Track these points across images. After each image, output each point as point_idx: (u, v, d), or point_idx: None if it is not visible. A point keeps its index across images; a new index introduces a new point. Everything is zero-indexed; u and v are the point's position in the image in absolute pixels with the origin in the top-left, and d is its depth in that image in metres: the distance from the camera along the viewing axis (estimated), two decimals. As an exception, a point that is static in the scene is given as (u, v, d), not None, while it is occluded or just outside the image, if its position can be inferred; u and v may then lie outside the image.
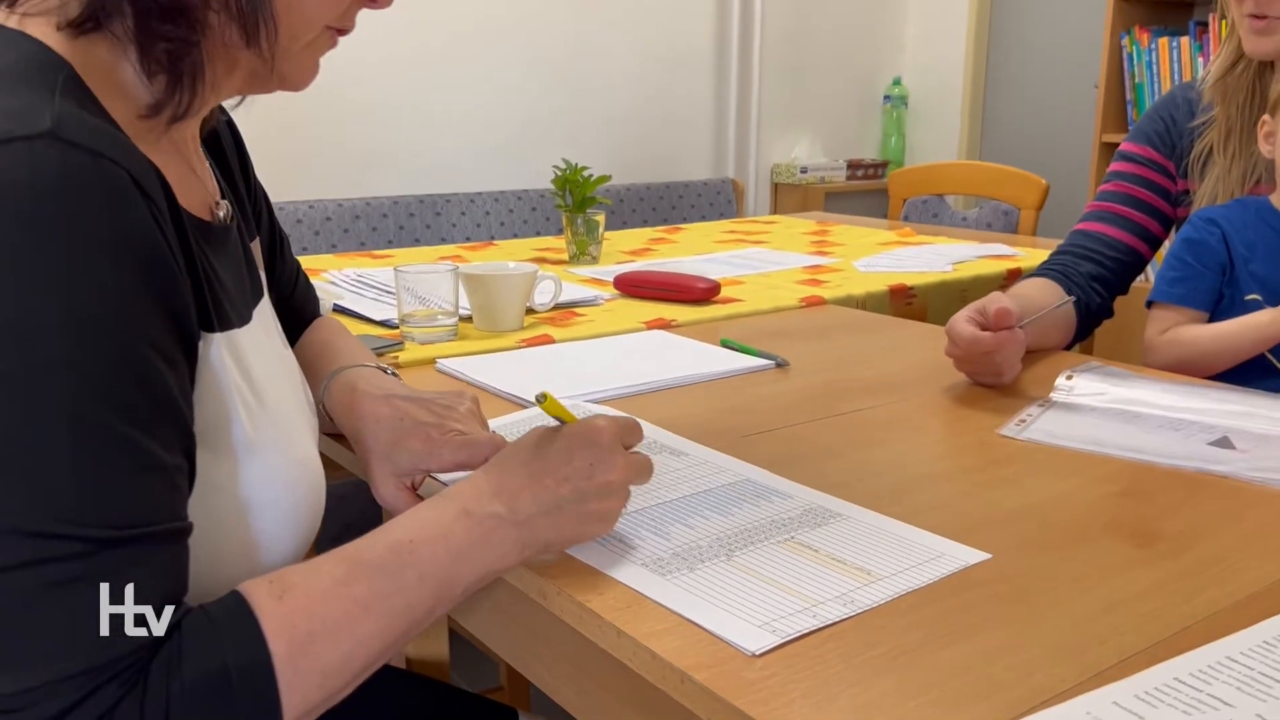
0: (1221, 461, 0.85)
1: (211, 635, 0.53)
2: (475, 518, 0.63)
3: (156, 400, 0.53)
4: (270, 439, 0.64)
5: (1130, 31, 3.08)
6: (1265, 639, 0.58)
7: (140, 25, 0.58)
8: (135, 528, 0.51)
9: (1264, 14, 1.12)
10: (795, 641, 0.58)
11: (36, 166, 0.50)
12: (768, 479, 0.81)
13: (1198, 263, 1.12)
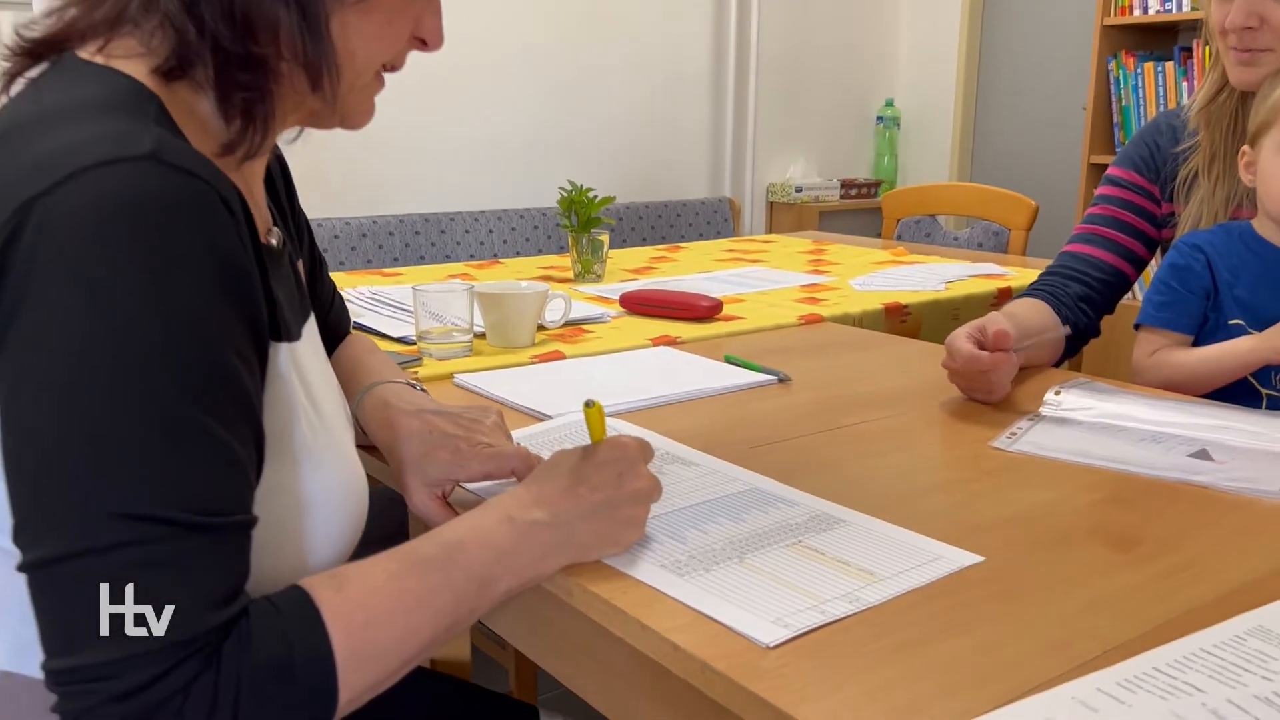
0: (1200, 472, 0.90)
1: (277, 622, 0.57)
2: (517, 523, 0.69)
3: (237, 400, 0.58)
4: (325, 445, 0.69)
5: (1117, 56, 3.16)
6: (1236, 633, 0.64)
7: (220, 74, 0.63)
8: (217, 515, 0.56)
9: (1247, 47, 1.19)
10: (805, 635, 0.63)
11: (140, 185, 0.55)
12: (775, 487, 0.86)
13: (1183, 288, 1.18)
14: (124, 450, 0.53)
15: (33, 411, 0.54)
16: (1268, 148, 1.10)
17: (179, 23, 0.62)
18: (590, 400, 0.77)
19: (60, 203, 0.54)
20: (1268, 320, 1.11)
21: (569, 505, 0.71)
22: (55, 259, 0.53)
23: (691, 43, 3.57)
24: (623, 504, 0.73)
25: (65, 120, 0.59)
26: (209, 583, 0.55)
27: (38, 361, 0.54)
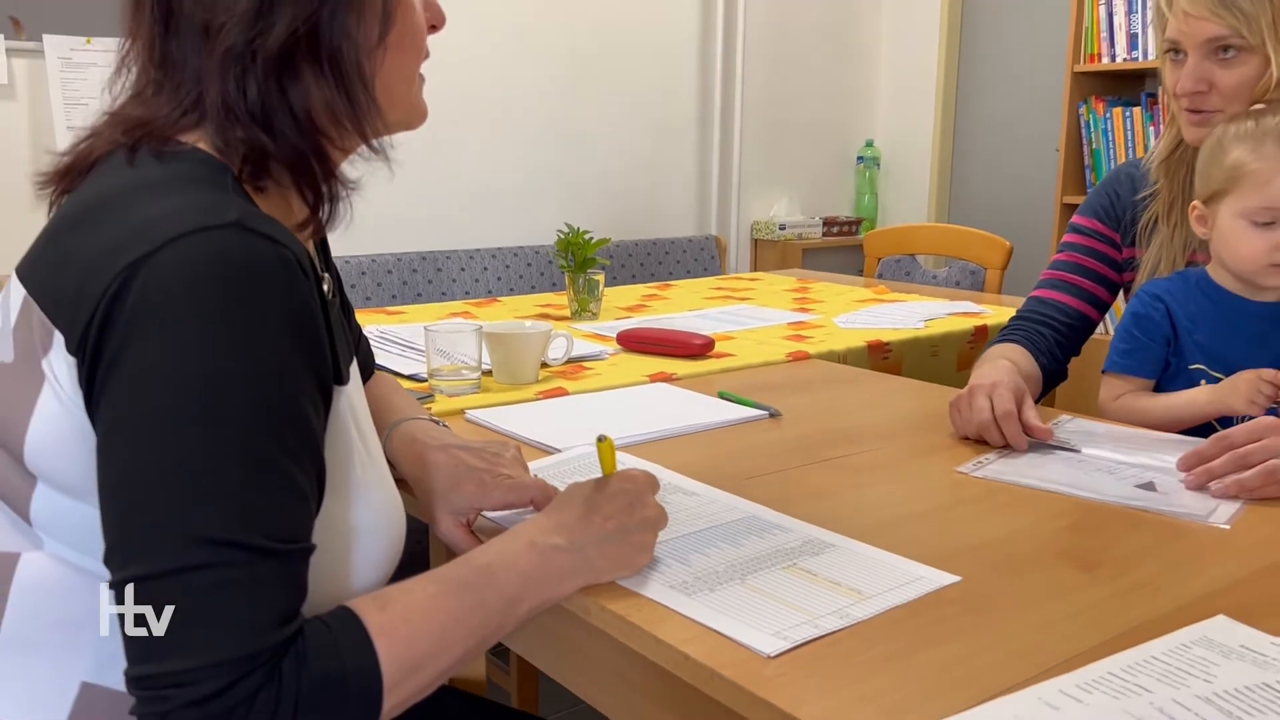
0: (1145, 500, 0.99)
1: (329, 639, 0.64)
2: (539, 548, 0.77)
3: (306, 441, 0.66)
4: (374, 478, 0.77)
5: (1087, 101, 3.29)
6: (1181, 642, 0.72)
7: (295, 172, 0.72)
8: (285, 543, 0.63)
9: (1198, 109, 1.29)
10: (802, 646, 0.70)
11: (229, 249, 0.63)
12: (770, 515, 0.94)
13: (1144, 336, 1.26)
14: (207, 483, 0.61)
15: (128, 448, 0.61)
16: (1226, 212, 1.19)
17: (246, 140, 0.70)
18: (602, 435, 0.85)
19: (159, 265, 0.61)
20: (1226, 361, 1.20)
21: (585, 532, 0.79)
22: (154, 314, 0.61)
23: (679, 87, 3.68)
24: (634, 531, 0.81)
25: (159, 191, 0.67)
26: (274, 603, 0.62)
27: (134, 404, 0.61)
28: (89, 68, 2.54)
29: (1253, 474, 0.99)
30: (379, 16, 0.74)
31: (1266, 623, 0.74)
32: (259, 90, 0.70)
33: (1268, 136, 1.15)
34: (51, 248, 0.71)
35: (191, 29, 0.70)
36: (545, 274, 3.23)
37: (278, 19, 0.69)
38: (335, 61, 0.72)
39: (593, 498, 0.81)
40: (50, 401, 0.66)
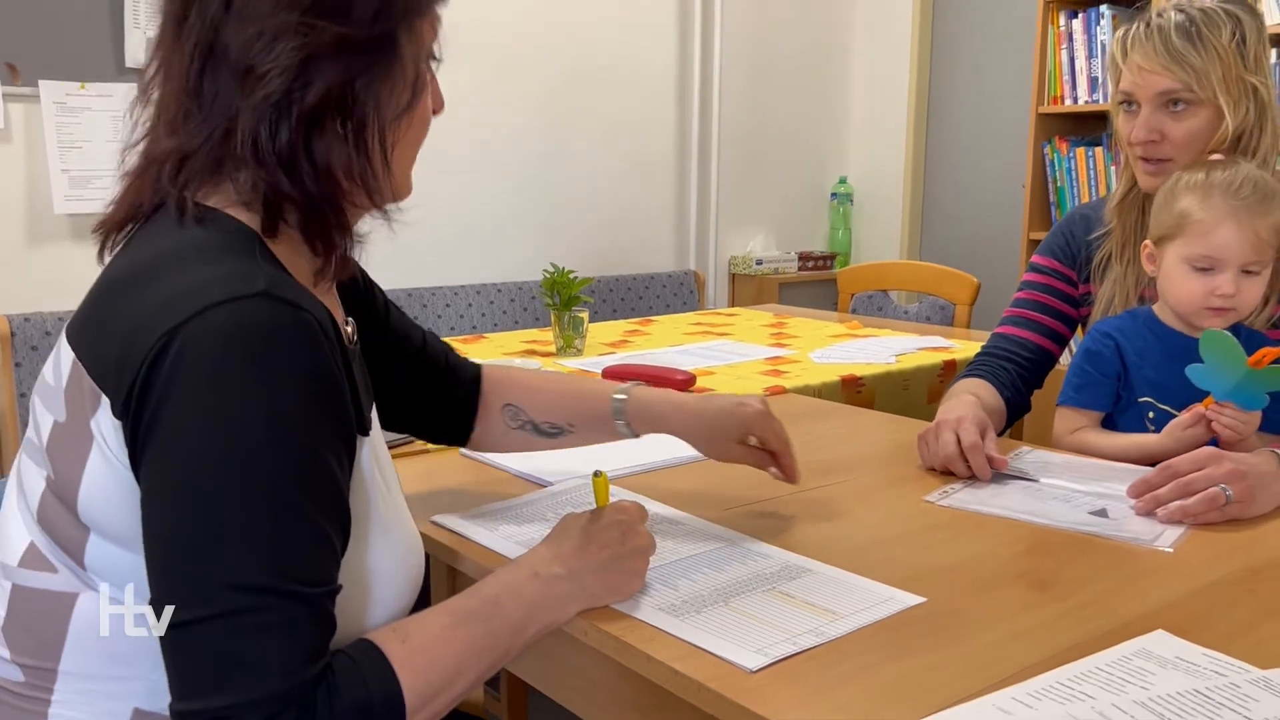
0: (1097, 525, 1.07)
1: (356, 672, 0.70)
2: (542, 578, 0.83)
3: (332, 492, 0.72)
4: (395, 520, 0.83)
5: (1051, 141, 3.42)
6: (1123, 655, 0.79)
7: (307, 219, 0.78)
8: (316, 586, 0.69)
9: (1151, 157, 1.38)
10: (781, 662, 0.77)
11: (256, 318, 0.69)
12: (751, 543, 1.01)
13: (1096, 371, 1.34)
14: (241, 535, 0.67)
15: (168, 504, 0.67)
16: (1171, 255, 1.27)
17: (268, 183, 0.76)
18: (598, 471, 0.92)
19: (192, 332, 0.67)
20: (1173, 394, 1.28)
21: (583, 561, 0.85)
22: (188, 379, 0.67)
23: (657, 125, 3.78)
24: (626, 558, 0.88)
25: (194, 259, 0.73)
26: (306, 642, 0.68)
27: (172, 463, 0.67)
28: (84, 112, 2.60)
29: (1195, 500, 1.07)
30: (408, 92, 0.81)
31: (1201, 637, 0.82)
32: (288, 138, 0.75)
33: (1214, 190, 1.24)
34: (97, 311, 0.76)
35: (231, 68, 0.75)
36: (529, 309, 3.30)
37: (317, 77, 0.75)
38: (360, 125, 0.78)
39: (589, 529, 0.88)
40: (98, 460, 0.72)
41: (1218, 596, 0.91)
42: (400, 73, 0.80)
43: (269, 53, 0.74)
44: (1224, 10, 1.32)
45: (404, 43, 0.80)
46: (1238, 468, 1.09)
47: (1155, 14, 1.35)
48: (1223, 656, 0.79)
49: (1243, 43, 1.31)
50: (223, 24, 0.75)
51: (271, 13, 0.74)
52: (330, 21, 0.75)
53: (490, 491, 1.17)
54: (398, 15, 0.79)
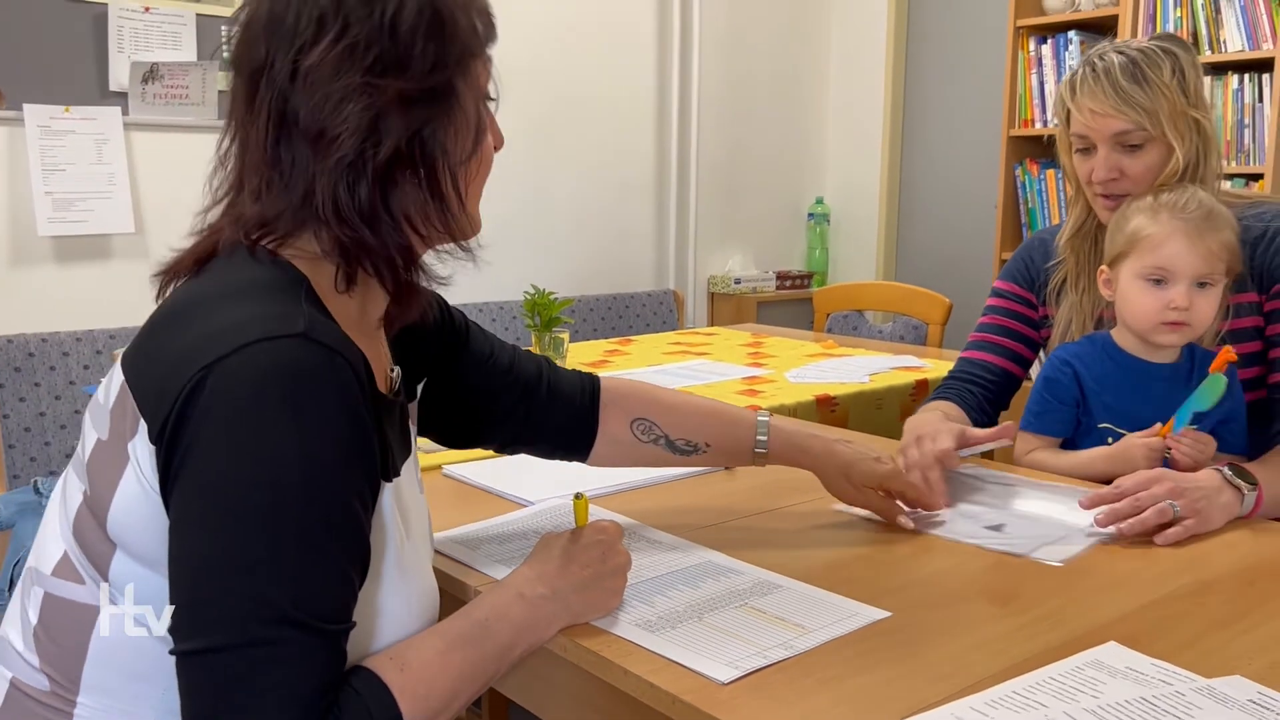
0: (988, 539, 1.12)
1: (359, 701, 0.73)
2: (528, 599, 0.87)
3: (353, 532, 0.74)
4: (411, 566, 0.84)
5: (1022, 163, 3.50)
6: (1076, 665, 0.83)
7: (383, 273, 0.81)
8: (332, 623, 0.72)
9: (1111, 194, 1.43)
10: (752, 674, 0.81)
11: (292, 358, 0.71)
12: (725, 560, 1.05)
13: (1054, 398, 1.39)
14: (264, 568, 0.69)
15: (195, 534, 0.70)
16: (1126, 273, 1.33)
17: (353, 239, 0.79)
18: (579, 493, 0.96)
19: (229, 369, 0.70)
20: (1131, 418, 1.33)
21: (566, 580, 0.89)
22: (222, 413, 0.70)
23: (637, 147, 3.84)
24: (607, 577, 0.91)
25: (239, 298, 0.76)
26: (319, 676, 0.71)
27: (201, 494, 0.70)
28: (68, 135, 2.63)
29: (1148, 514, 1.11)
30: (471, 134, 0.85)
31: (1151, 648, 0.86)
32: (367, 194, 0.78)
33: (1162, 209, 1.30)
34: (150, 340, 0.79)
35: (304, 135, 0.78)
36: (510, 329, 3.34)
37: (386, 133, 0.78)
38: (432, 172, 0.82)
39: (570, 549, 0.91)
40: (132, 481, 0.75)
41: (1169, 609, 0.95)
42: (463, 117, 0.84)
43: (338, 115, 0.77)
44: (1160, 49, 1.38)
45: (462, 88, 0.83)
46: (1178, 485, 1.14)
47: (1097, 56, 1.40)
48: (1170, 666, 0.83)
49: (1183, 78, 1.37)
50: (291, 93, 0.78)
51: (335, 76, 0.77)
52: (391, 78, 0.78)
53: (472, 511, 1.20)
54: (453, 62, 0.82)
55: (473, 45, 0.84)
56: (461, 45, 0.83)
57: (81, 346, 2.59)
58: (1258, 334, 1.38)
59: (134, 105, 2.72)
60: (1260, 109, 2.92)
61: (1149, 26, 3.10)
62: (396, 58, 0.78)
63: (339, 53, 0.77)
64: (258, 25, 0.80)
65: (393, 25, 0.78)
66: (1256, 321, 1.38)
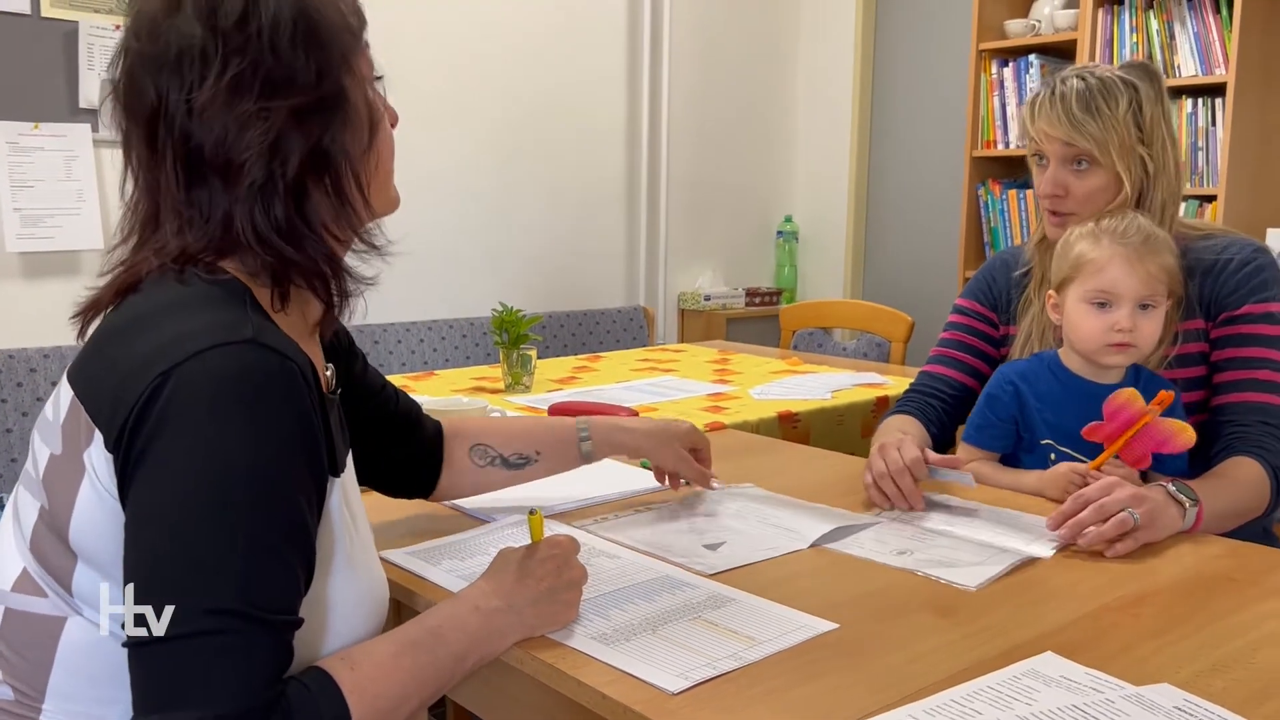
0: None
1: (309, 698, 0.75)
2: (483, 611, 0.89)
3: (300, 530, 0.77)
4: (360, 559, 0.88)
5: (985, 183, 3.56)
6: (1013, 674, 0.87)
7: (311, 283, 0.85)
8: (278, 614, 0.74)
9: (1056, 210, 1.48)
10: (701, 685, 0.84)
11: (248, 363, 0.75)
12: (680, 574, 1.08)
13: (993, 415, 1.43)
14: (214, 562, 0.72)
15: (149, 530, 0.73)
16: (1071, 296, 1.37)
17: (277, 256, 0.82)
18: (533, 509, 0.99)
19: (186, 375, 0.73)
20: (1074, 437, 1.36)
21: (520, 594, 0.91)
22: (177, 417, 0.73)
23: (607, 163, 3.87)
24: (562, 590, 0.94)
25: (188, 309, 0.79)
26: (265, 666, 0.73)
27: (156, 492, 0.73)
28: (36, 152, 2.63)
29: (1109, 525, 1.15)
30: (365, 127, 0.87)
31: (1086, 657, 0.90)
32: (284, 213, 0.82)
33: (1103, 234, 1.34)
34: (98, 355, 0.82)
35: (212, 168, 0.81)
36: (480, 345, 3.36)
37: (290, 152, 0.81)
38: (337, 176, 0.85)
39: (525, 563, 0.94)
40: (89, 490, 0.77)
41: (1106, 620, 0.99)
42: (356, 114, 0.86)
43: (240, 143, 0.80)
44: (1121, 79, 1.43)
45: (350, 86, 0.86)
46: (1137, 493, 1.18)
47: (1060, 80, 1.45)
48: (1103, 675, 0.86)
49: (1139, 111, 1.42)
50: (191, 130, 0.80)
51: (229, 107, 0.79)
52: (282, 98, 0.81)
53: (434, 527, 1.23)
54: (337, 65, 0.84)
55: (349, 42, 0.86)
56: (340, 46, 0.85)
57: (49, 363, 2.59)
58: (1203, 359, 1.43)
59: (104, 122, 2.72)
60: (1213, 132, 3.00)
61: (1105, 51, 3.18)
62: (283, 76, 0.81)
63: (228, 84, 0.79)
64: (140, 69, 0.82)
65: (272, 45, 0.80)
66: (1202, 347, 1.43)
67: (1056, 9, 3.38)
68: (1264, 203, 3.10)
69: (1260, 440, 1.34)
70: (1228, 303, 1.40)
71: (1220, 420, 1.39)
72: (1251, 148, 3.01)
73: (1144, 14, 3.10)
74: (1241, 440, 1.35)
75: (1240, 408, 1.37)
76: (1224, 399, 1.39)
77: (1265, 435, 1.35)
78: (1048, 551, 1.15)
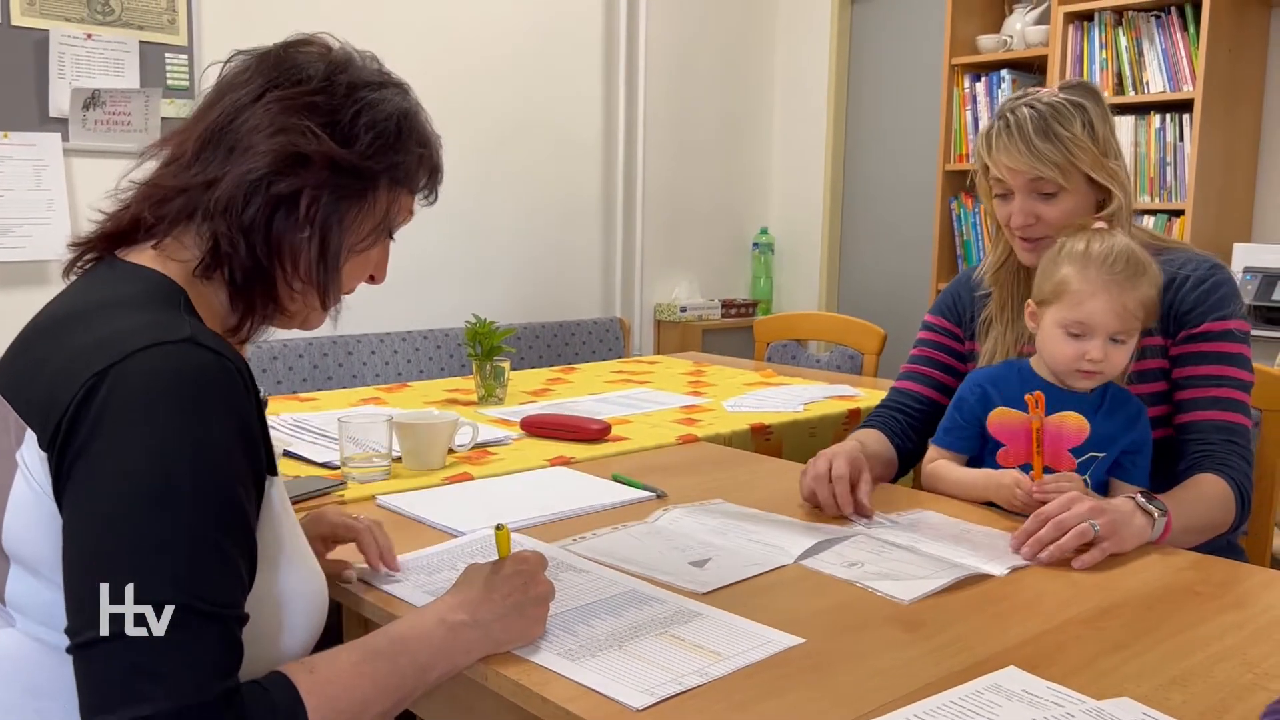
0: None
1: (266, 698, 0.76)
2: (448, 624, 0.89)
3: (241, 526, 0.78)
4: (299, 555, 0.89)
5: (958, 197, 3.59)
6: (976, 689, 0.87)
7: (240, 280, 0.87)
8: (224, 608, 0.75)
9: (1028, 237, 1.49)
10: (666, 700, 0.84)
11: (182, 362, 0.76)
12: (648, 589, 1.08)
13: (960, 417, 1.45)
14: (157, 557, 0.72)
15: (89, 527, 0.73)
16: (1049, 317, 1.38)
17: (227, 235, 0.85)
18: (500, 524, 0.99)
19: (123, 373, 0.74)
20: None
21: (486, 609, 0.91)
22: (117, 415, 0.73)
23: (583, 175, 3.88)
24: (529, 606, 0.94)
25: (121, 308, 0.80)
26: (215, 659, 0.73)
27: (97, 489, 0.73)
28: (6, 161, 2.60)
29: (1068, 537, 1.16)
30: (372, 231, 0.94)
31: (1048, 671, 0.90)
32: (254, 212, 0.86)
33: (1091, 263, 1.33)
34: (25, 354, 0.83)
35: (233, 140, 0.87)
36: (455, 356, 3.35)
37: (296, 175, 0.86)
38: (325, 234, 0.89)
39: (491, 579, 0.94)
40: (23, 488, 0.77)
41: (1069, 633, 1.00)
42: (369, 211, 0.93)
43: (268, 141, 0.86)
44: (1069, 102, 1.44)
45: (381, 189, 0.93)
46: (1097, 504, 1.19)
47: (1010, 110, 1.45)
48: (1064, 689, 0.87)
49: (1092, 129, 1.43)
50: (246, 109, 0.87)
51: (287, 114, 0.87)
52: (331, 138, 0.87)
53: (404, 542, 1.21)
54: (386, 165, 0.92)
55: (410, 175, 0.95)
56: (404, 166, 0.94)
57: (16, 373, 2.56)
58: (1163, 375, 1.45)
59: (74, 132, 2.71)
60: (1181, 147, 3.04)
61: (1076, 67, 3.22)
62: (346, 131, 0.89)
63: (304, 101, 0.88)
64: (260, 63, 0.91)
65: (357, 111, 0.90)
66: (1161, 364, 1.45)
67: (1028, 25, 3.42)
68: (1231, 217, 3.15)
69: (1225, 459, 1.36)
70: (1187, 319, 1.42)
71: (1185, 439, 1.41)
72: (1218, 163, 3.05)
73: (1113, 30, 3.14)
74: (1208, 458, 1.37)
75: (1204, 426, 1.39)
76: (1188, 417, 1.41)
77: (1230, 454, 1.36)
78: (1002, 569, 1.15)
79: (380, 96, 0.92)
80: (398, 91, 0.96)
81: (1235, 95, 3.07)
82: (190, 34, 2.86)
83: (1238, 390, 1.40)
